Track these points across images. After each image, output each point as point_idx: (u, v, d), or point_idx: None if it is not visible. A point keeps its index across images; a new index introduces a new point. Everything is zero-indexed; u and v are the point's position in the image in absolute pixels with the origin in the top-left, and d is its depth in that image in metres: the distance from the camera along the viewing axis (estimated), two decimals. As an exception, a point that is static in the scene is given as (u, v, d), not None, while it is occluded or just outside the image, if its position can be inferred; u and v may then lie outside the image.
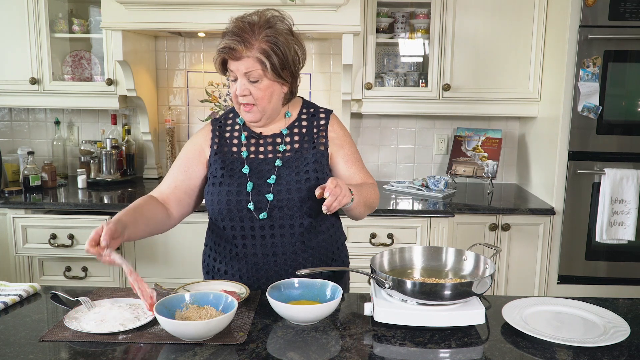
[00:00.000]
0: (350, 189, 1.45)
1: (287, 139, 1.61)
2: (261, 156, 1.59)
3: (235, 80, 1.52)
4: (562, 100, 2.65)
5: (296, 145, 1.60)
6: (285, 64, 1.50)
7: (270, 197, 1.53)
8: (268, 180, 1.55)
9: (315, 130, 1.62)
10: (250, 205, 1.52)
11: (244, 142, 1.61)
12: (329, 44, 3.20)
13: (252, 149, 1.60)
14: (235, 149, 1.61)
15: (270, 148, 1.60)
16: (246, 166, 1.56)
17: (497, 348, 1.23)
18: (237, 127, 1.64)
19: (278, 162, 1.56)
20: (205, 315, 1.26)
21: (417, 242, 2.65)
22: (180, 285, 1.53)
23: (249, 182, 1.54)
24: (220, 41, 1.50)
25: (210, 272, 1.65)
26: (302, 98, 1.70)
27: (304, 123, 1.63)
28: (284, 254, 1.54)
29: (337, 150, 1.62)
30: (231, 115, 1.67)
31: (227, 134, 1.64)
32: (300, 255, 1.56)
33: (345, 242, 1.74)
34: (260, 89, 1.50)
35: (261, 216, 1.52)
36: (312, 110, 1.66)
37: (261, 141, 1.61)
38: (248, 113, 1.55)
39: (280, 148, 1.59)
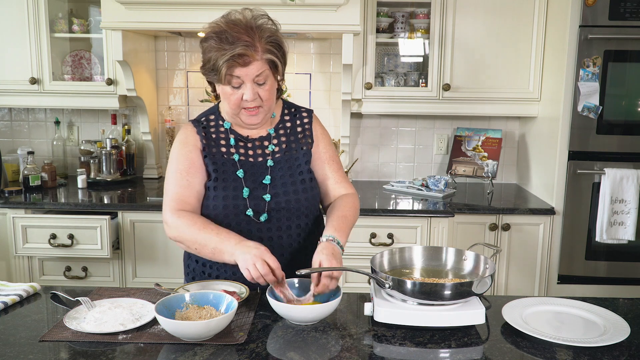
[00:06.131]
0: (339, 241, 1.45)
1: (275, 140, 1.60)
2: (251, 159, 1.57)
3: (238, 87, 1.46)
4: (562, 100, 2.65)
5: (284, 146, 1.60)
6: (286, 60, 1.53)
7: (267, 197, 1.52)
8: (263, 181, 1.54)
9: (300, 130, 1.63)
10: (249, 212, 1.51)
11: (233, 144, 1.58)
12: (329, 44, 3.20)
13: (242, 151, 1.58)
14: (224, 149, 1.57)
15: (259, 151, 1.59)
16: (240, 170, 1.54)
17: (497, 348, 1.23)
18: (222, 129, 1.59)
19: (270, 162, 1.56)
20: (205, 315, 1.26)
21: (417, 242, 2.65)
22: (180, 285, 1.53)
23: (245, 188, 1.52)
24: (220, 49, 1.42)
25: (197, 278, 1.61)
26: (281, 98, 1.69)
27: (288, 124, 1.63)
28: (281, 255, 1.53)
29: (320, 151, 1.64)
30: (212, 117, 1.62)
31: (214, 136, 1.58)
32: (297, 256, 1.56)
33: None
34: (267, 90, 1.49)
35: (262, 218, 1.52)
36: (293, 110, 1.67)
37: (249, 144, 1.59)
38: (254, 116, 1.51)
39: (270, 148, 1.58)
